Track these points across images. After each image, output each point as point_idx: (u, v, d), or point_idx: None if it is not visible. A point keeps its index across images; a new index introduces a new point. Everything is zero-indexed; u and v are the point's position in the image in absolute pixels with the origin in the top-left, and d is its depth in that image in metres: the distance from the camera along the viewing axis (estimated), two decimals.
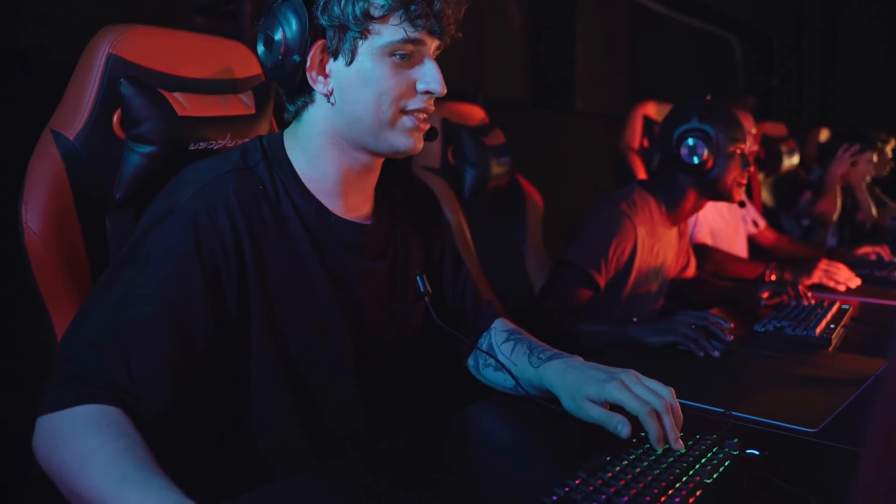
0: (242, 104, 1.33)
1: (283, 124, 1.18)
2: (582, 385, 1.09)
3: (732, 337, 1.59)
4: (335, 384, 1.16)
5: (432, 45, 1.09)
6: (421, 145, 1.13)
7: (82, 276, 1.17)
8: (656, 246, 2.03)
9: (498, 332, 1.32)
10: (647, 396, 1.04)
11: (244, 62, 1.40)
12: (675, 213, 2.05)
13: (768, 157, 3.84)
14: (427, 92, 1.08)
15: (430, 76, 1.08)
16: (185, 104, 1.23)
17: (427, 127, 1.13)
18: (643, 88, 4.75)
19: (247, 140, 1.29)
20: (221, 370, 1.06)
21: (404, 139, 1.10)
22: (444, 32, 1.09)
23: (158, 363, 0.95)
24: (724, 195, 2.00)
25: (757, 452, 0.99)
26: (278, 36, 1.06)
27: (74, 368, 0.91)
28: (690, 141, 1.93)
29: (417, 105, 1.09)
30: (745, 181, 2.00)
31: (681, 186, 2.01)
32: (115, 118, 1.21)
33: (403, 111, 1.08)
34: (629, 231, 1.92)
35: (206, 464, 1.07)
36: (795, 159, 3.99)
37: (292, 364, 1.11)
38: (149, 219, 1.03)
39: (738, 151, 1.97)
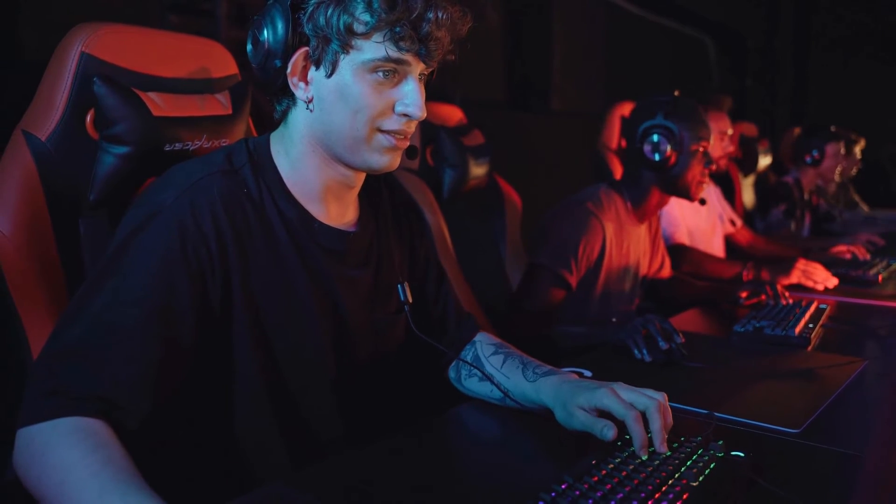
0: (219, 104, 1.31)
1: (261, 125, 1.15)
2: (574, 395, 1.08)
3: (683, 339, 1.53)
4: (316, 390, 1.14)
5: (418, 67, 1.06)
6: (397, 163, 1.11)
7: (55, 279, 1.14)
8: (625, 243, 2.03)
9: (484, 345, 1.30)
10: (637, 400, 1.03)
11: (221, 62, 1.37)
12: (641, 209, 2.06)
13: (746, 157, 3.88)
14: (404, 115, 1.06)
15: (409, 99, 1.05)
16: (160, 104, 1.20)
17: (405, 146, 1.10)
18: (619, 88, 4.77)
19: (223, 140, 1.27)
20: (204, 375, 1.04)
21: (378, 157, 1.08)
22: (431, 56, 1.05)
23: (143, 369, 0.92)
24: (684, 192, 2.01)
25: (742, 454, 0.99)
26: (263, 37, 1.04)
27: (55, 379, 0.88)
28: (654, 137, 1.94)
29: (394, 126, 1.06)
30: (706, 180, 2.01)
31: (645, 183, 2.02)
32: (88, 118, 1.18)
33: (379, 130, 1.06)
34: (597, 229, 1.92)
35: (188, 470, 1.05)
36: (769, 159, 4.05)
37: (274, 369, 1.09)
38: (132, 221, 1.00)
39: (701, 150, 1.97)
